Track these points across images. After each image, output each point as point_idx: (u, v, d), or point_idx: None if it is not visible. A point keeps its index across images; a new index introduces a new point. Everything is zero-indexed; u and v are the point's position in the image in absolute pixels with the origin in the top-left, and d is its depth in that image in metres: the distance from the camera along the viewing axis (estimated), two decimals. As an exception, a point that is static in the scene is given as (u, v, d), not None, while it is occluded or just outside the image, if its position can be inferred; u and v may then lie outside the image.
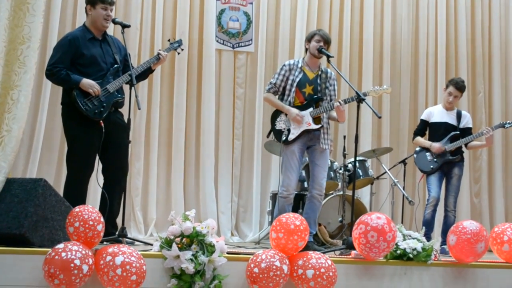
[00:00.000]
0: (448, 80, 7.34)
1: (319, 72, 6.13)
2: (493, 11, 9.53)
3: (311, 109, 5.99)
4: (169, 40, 6.15)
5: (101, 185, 5.65)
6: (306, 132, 5.98)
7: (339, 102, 5.90)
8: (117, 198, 5.59)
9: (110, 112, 5.58)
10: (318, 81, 6.09)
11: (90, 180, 5.77)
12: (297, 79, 6.03)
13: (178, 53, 6.25)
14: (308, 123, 5.96)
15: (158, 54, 5.82)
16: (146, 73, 5.90)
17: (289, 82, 6.05)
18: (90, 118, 5.44)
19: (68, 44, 5.56)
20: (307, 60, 6.14)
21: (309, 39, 6.11)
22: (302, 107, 6.01)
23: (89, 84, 5.43)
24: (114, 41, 5.87)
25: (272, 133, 6.16)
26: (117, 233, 5.18)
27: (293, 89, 6.02)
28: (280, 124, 6.05)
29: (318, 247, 6.04)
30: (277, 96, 6.15)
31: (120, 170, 5.65)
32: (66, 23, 7.81)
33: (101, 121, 5.48)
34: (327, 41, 6.05)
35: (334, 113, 6.08)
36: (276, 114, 6.14)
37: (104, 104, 5.50)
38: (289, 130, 5.98)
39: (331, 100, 6.11)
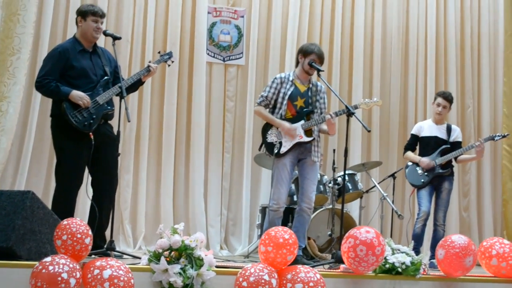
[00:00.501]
0: (435, 94, 7.39)
1: (310, 85, 6.13)
2: (482, 28, 9.60)
3: (302, 121, 5.99)
4: (159, 52, 6.15)
5: (90, 198, 5.63)
6: (297, 145, 5.97)
7: (330, 115, 5.91)
8: (106, 211, 5.56)
9: (99, 125, 5.56)
10: (309, 94, 6.09)
11: (79, 193, 5.75)
12: (289, 92, 6.03)
13: (169, 65, 6.23)
14: (300, 136, 5.96)
15: (148, 66, 5.81)
16: (136, 85, 5.88)
17: (281, 95, 6.04)
18: (79, 130, 5.42)
19: (58, 56, 5.54)
20: (298, 73, 6.14)
21: (304, 54, 6.07)
22: (293, 120, 6.00)
23: (78, 96, 5.41)
24: (105, 53, 5.86)
25: (263, 146, 6.14)
26: (105, 246, 5.15)
27: (285, 102, 6.02)
28: (271, 137, 6.04)
29: (307, 261, 6.03)
30: (267, 109, 6.15)
31: (110, 183, 5.62)
32: (57, 35, 7.80)
33: (90, 133, 5.46)
34: (322, 61, 6.05)
35: (324, 126, 6.08)
36: (267, 126, 6.12)
37: (94, 116, 5.48)
38: (280, 143, 5.97)
39: (321, 113, 6.12)
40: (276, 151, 5.94)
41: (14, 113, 7.20)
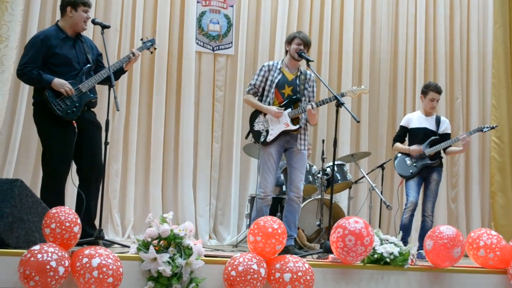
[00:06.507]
0: (424, 87, 7.18)
1: (298, 74, 6.13)
2: (471, 19, 9.63)
3: (289, 109, 5.98)
4: (142, 39, 6.09)
5: (77, 186, 5.59)
6: (284, 133, 5.97)
7: (311, 105, 5.90)
8: (94, 198, 5.53)
9: (83, 112, 5.52)
10: (297, 82, 6.08)
11: (67, 181, 5.72)
12: (276, 80, 6.02)
13: (151, 52, 6.14)
14: (286, 124, 5.94)
15: (132, 53, 5.74)
16: (118, 73, 5.82)
17: (268, 83, 6.04)
18: (63, 118, 5.38)
19: (40, 43, 5.47)
20: (287, 61, 6.13)
21: (289, 42, 6.09)
22: (280, 108, 6.00)
23: (61, 83, 5.36)
24: (87, 40, 5.81)
25: (250, 134, 6.14)
26: (94, 235, 5.13)
27: (272, 90, 6.01)
28: (258, 125, 6.03)
29: (298, 250, 6.04)
30: (256, 98, 6.13)
31: (95, 170, 5.58)
32: (45, 24, 7.74)
33: (73, 121, 5.42)
34: (307, 44, 6.05)
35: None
36: (255, 115, 6.12)
37: (77, 104, 5.43)
38: (267, 131, 5.96)
39: (309, 101, 6.11)
40: (262, 139, 5.94)
41: (2, 101, 7.18)
